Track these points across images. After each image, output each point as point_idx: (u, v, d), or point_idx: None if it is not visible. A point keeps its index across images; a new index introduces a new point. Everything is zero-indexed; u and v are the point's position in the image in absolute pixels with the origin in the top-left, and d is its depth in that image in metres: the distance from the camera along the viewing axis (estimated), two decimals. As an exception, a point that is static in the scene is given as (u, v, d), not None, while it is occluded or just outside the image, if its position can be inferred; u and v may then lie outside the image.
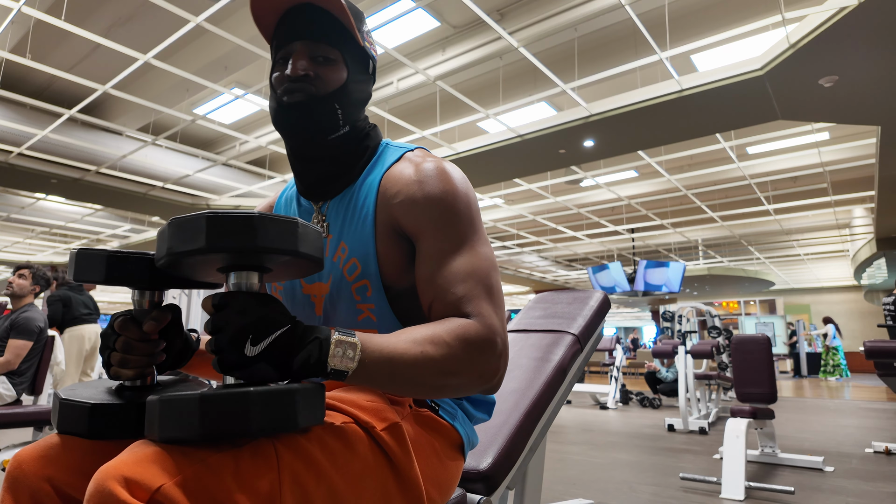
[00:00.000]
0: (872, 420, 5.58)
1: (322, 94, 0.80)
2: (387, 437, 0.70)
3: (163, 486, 0.50)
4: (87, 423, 0.67)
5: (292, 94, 0.80)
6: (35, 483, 0.64)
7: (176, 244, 0.57)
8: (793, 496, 2.67)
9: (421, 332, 0.68)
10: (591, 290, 1.51)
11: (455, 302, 0.73)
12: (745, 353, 3.42)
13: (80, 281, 0.72)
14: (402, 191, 0.80)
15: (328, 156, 0.84)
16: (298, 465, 0.60)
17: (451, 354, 0.67)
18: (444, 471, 0.81)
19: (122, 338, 0.72)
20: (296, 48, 0.80)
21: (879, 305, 16.10)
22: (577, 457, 3.67)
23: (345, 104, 0.82)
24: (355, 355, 0.61)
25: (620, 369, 7.31)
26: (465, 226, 0.78)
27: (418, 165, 0.82)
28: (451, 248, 0.76)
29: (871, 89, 4.77)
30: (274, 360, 0.58)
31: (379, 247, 0.80)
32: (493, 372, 0.70)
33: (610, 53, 5.43)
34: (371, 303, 0.81)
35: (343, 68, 0.82)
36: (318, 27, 0.80)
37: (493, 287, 0.75)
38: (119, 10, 4.86)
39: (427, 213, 0.78)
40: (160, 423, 0.55)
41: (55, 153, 7.12)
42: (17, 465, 0.66)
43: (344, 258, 0.82)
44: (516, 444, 1.05)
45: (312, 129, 0.81)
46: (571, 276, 17.86)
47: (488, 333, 0.70)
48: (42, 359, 3.12)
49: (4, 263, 15.88)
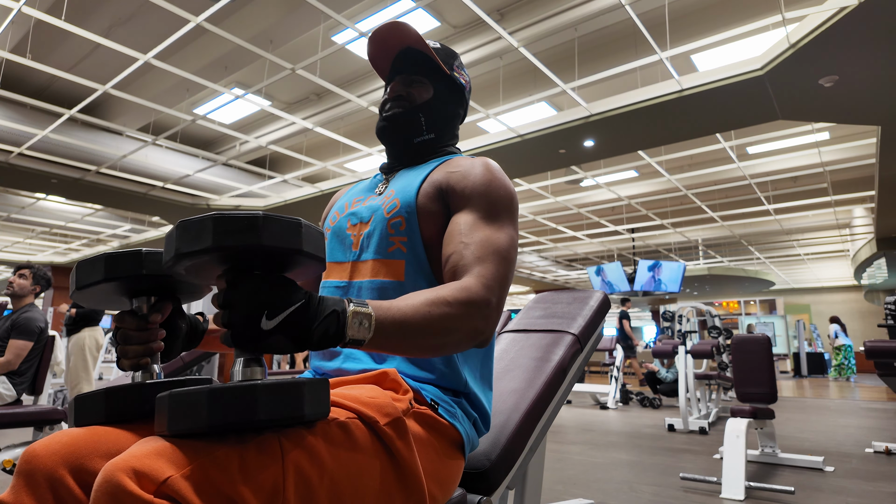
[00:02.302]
0: (873, 420, 5.58)
1: (409, 107, 1.03)
2: (390, 431, 0.72)
3: (170, 478, 0.52)
4: (104, 409, 0.71)
5: (390, 109, 1.03)
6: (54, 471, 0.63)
7: (183, 245, 0.59)
8: (793, 496, 2.67)
9: (426, 295, 0.75)
10: (591, 290, 1.51)
11: (469, 260, 0.82)
12: (745, 353, 3.42)
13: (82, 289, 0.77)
14: (460, 167, 0.96)
15: (415, 154, 1.05)
16: (302, 458, 0.61)
17: (451, 313, 0.74)
18: (445, 468, 0.82)
19: (120, 330, 0.78)
20: (395, 80, 1.05)
21: (880, 305, 16.10)
22: (577, 457, 3.67)
23: (428, 115, 1.04)
24: (371, 325, 0.66)
25: (620, 369, 7.31)
26: (501, 208, 0.91)
27: (476, 158, 0.99)
28: (483, 220, 0.88)
29: (871, 89, 4.77)
30: (291, 332, 0.60)
31: (420, 195, 0.93)
32: (482, 329, 0.78)
33: (610, 53, 5.43)
34: (404, 236, 0.92)
35: (430, 89, 1.04)
36: (410, 60, 1.04)
37: (507, 260, 0.85)
38: (119, 10, 4.87)
39: (473, 188, 0.92)
40: (170, 417, 0.56)
41: (55, 153, 7.12)
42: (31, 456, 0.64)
43: (389, 200, 0.96)
44: (516, 443, 1.05)
45: (400, 131, 1.03)
46: (571, 276, 17.85)
47: (486, 293, 0.78)
48: (42, 359, 3.12)
49: (4, 263, 15.89)
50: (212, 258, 0.60)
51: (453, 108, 1.08)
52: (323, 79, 5.41)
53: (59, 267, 14.81)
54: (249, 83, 5.94)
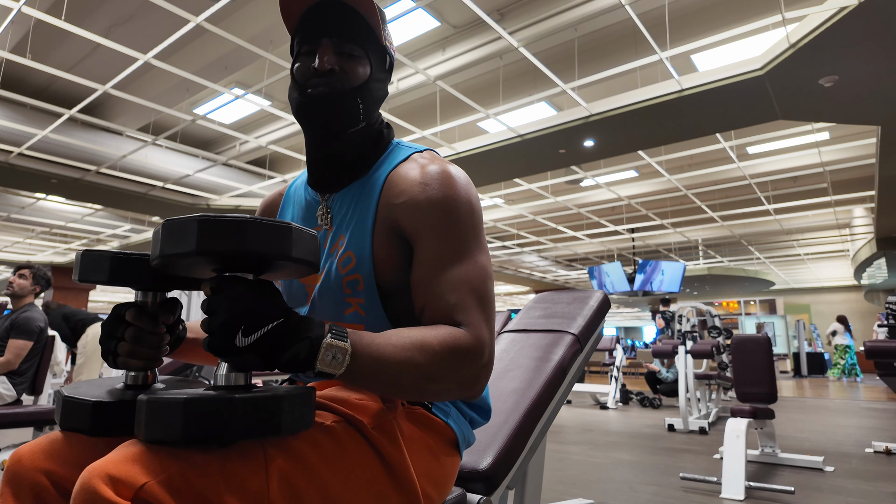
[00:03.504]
0: (873, 420, 5.58)
1: (347, 89, 0.81)
2: (377, 434, 0.71)
3: (146, 484, 0.51)
4: (90, 420, 0.68)
5: (318, 87, 0.81)
6: (35, 477, 0.65)
7: (167, 246, 0.58)
8: (793, 496, 2.67)
9: (412, 336, 0.68)
10: (590, 290, 1.51)
11: (447, 309, 0.73)
12: (746, 353, 3.42)
13: (85, 282, 0.72)
14: (405, 191, 0.80)
15: (344, 149, 0.85)
16: (287, 464, 0.60)
17: (435, 362, 0.67)
18: (440, 467, 0.81)
19: (134, 328, 0.72)
20: (323, 43, 0.81)
21: (880, 305, 16.09)
22: (577, 457, 3.67)
23: (366, 100, 0.84)
24: (344, 360, 0.61)
25: (620, 369, 7.31)
26: (465, 232, 0.78)
27: (424, 167, 0.82)
28: (448, 255, 0.76)
29: (871, 89, 4.77)
30: (263, 352, 0.58)
31: (376, 244, 0.80)
32: (474, 381, 0.71)
33: (610, 53, 5.43)
34: (361, 297, 0.81)
35: (367, 65, 0.84)
36: (347, 25, 0.82)
37: (486, 297, 0.76)
38: (119, 10, 4.86)
39: (428, 217, 0.77)
40: (146, 424, 0.56)
41: (55, 153, 7.12)
42: (17, 459, 0.66)
43: (340, 251, 0.83)
44: (516, 443, 1.05)
45: (335, 121, 0.82)
46: (571, 276, 17.85)
47: (476, 344, 0.71)
48: (42, 359, 3.12)
49: (4, 263, 15.88)
50: (197, 261, 0.59)
51: (385, 89, 0.90)
52: (323, 79, 5.40)
53: (59, 267, 14.81)
54: (249, 83, 5.94)
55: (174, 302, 0.77)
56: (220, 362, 0.61)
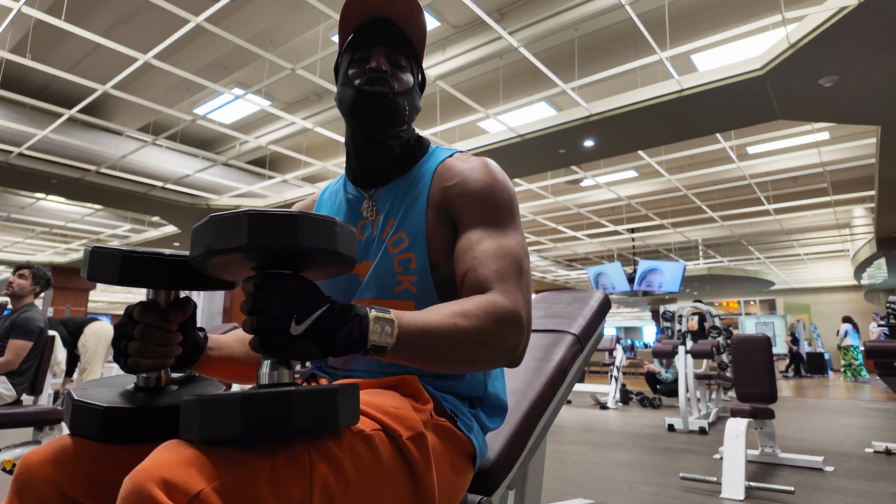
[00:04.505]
0: (873, 420, 5.58)
1: (398, 90, 0.90)
2: (411, 446, 0.71)
3: (202, 492, 0.50)
4: (100, 427, 0.66)
5: (374, 84, 0.88)
6: (43, 487, 0.64)
7: (216, 241, 0.57)
8: (793, 496, 2.67)
9: (451, 307, 0.71)
10: (591, 290, 1.51)
11: (487, 276, 0.78)
12: (746, 353, 3.42)
13: (94, 281, 0.71)
14: (457, 175, 0.89)
15: (389, 145, 0.92)
16: (329, 473, 0.60)
17: (481, 326, 0.70)
18: (455, 482, 0.82)
19: (142, 325, 0.71)
20: (376, 50, 0.90)
21: (880, 305, 16.09)
22: (577, 457, 3.67)
23: (410, 105, 0.93)
24: (393, 331, 0.63)
25: (620, 369, 7.31)
26: (505, 214, 0.86)
27: (469, 160, 0.92)
28: (490, 230, 0.83)
29: (871, 89, 4.77)
30: (317, 338, 0.59)
31: (429, 223, 0.86)
32: (516, 345, 0.74)
33: (610, 53, 5.43)
34: (413, 275, 0.85)
35: (412, 76, 0.94)
36: (399, 39, 0.92)
37: (523, 269, 0.81)
38: (119, 10, 4.86)
39: (474, 197, 0.86)
40: (200, 424, 0.54)
41: (55, 153, 7.12)
42: (25, 468, 0.65)
43: (390, 234, 0.88)
44: (516, 443, 1.05)
45: (387, 116, 0.89)
46: (571, 276, 17.85)
47: (514, 307, 0.75)
48: (42, 359, 3.12)
49: (4, 263, 15.89)
50: (244, 256, 0.58)
51: (419, 102, 0.98)
52: (323, 79, 5.41)
53: (59, 267, 14.81)
54: (249, 83, 5.94)
55: (186, 301, 0.76)
56: (261, 362, 0.60)
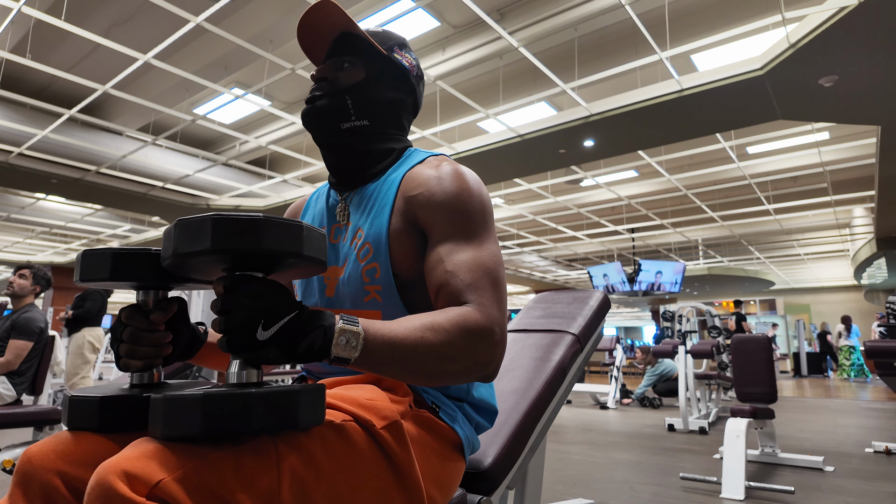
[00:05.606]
0: (873, 420, 5.58)
1: (336, 89, 0.92)
2: (386, 435, 0.71)
3: (162, 481, 0.51)
4: (98, 417, 0.68)
5: (313, 92, 0.93)
6: (45, 477, 0.65)
7: (182, 245, 0.58)
8: (793, 496, 2.67)
9: (421, 319, 0.71)
10: (591, 290, 1.51)
11: (461, 288, 0.76)
12: (746, 353, 3.42)
13: (87, 282, 0.72)
14: (421, 185, 0.86)
15: (343, 143, 0.93)
16: (298, 462, 0.61)
17: (448, 341, 0.69)
18: (445, 470, 0.81)
19: (130, 328, 0.73)
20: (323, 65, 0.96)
21: (880, 305, 16.09)
22: (577, 457, 3.67)
23: (357, 98, 0.92)
24: (358, 344, 0.63)
25: (620, 369, 7.31)
26: (477, 223, 0.83)
27: (438, 167, 0.89)
28: (461, 241, 0.81)
29: (871, 89, 4.77)
30: (282, 344, 0.59)
31: (392, 234, 0.85)
32: (489, 360, 0.73)
33: (610, 53, 5.43)
34: (378, 284, 0.85)
35: (360, 71, 0.94)
36: (342, 45, 0.95)
37: (498, 280, 0.79)
38: (119, 10, 4.86)
39: (442, 208, 0.83)
40: (163, 421, 0.56)
41: (55, 153, 7.13)
42: (27, 460, 0.66)
43: (359, 242, 0.88)
44: (516, 443, 1.05)
45: (324, 115, 0.92)
46: (571, 276, 17.85)
47: (487, 322, 0.73)
48: (42, 359, 3.12)
49: (4, 263, 15.89)
50: (210, 259, 0.60)
51: (393, 93, 0.96)
52: (323, 79, 5.40)
53: (59, 267, 14.81)
54: (249, 83, 5.94)
55: (169, 301, 0.78)
56: (231, 361, 0.62)
